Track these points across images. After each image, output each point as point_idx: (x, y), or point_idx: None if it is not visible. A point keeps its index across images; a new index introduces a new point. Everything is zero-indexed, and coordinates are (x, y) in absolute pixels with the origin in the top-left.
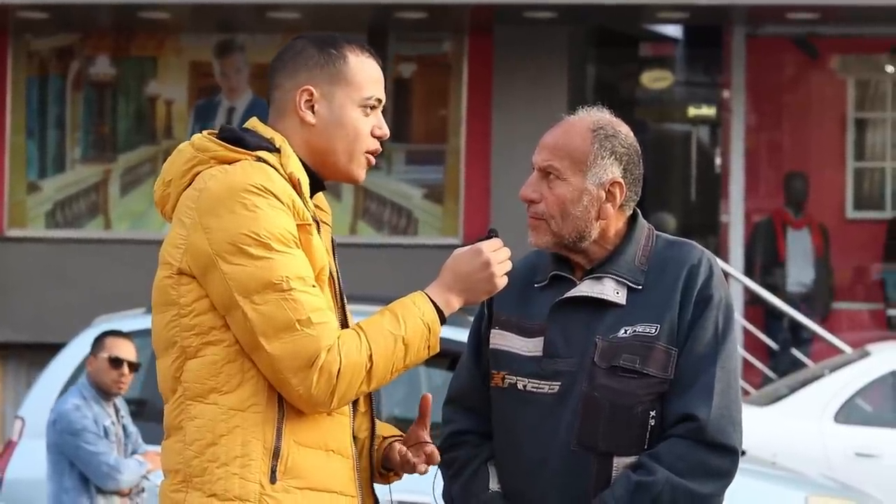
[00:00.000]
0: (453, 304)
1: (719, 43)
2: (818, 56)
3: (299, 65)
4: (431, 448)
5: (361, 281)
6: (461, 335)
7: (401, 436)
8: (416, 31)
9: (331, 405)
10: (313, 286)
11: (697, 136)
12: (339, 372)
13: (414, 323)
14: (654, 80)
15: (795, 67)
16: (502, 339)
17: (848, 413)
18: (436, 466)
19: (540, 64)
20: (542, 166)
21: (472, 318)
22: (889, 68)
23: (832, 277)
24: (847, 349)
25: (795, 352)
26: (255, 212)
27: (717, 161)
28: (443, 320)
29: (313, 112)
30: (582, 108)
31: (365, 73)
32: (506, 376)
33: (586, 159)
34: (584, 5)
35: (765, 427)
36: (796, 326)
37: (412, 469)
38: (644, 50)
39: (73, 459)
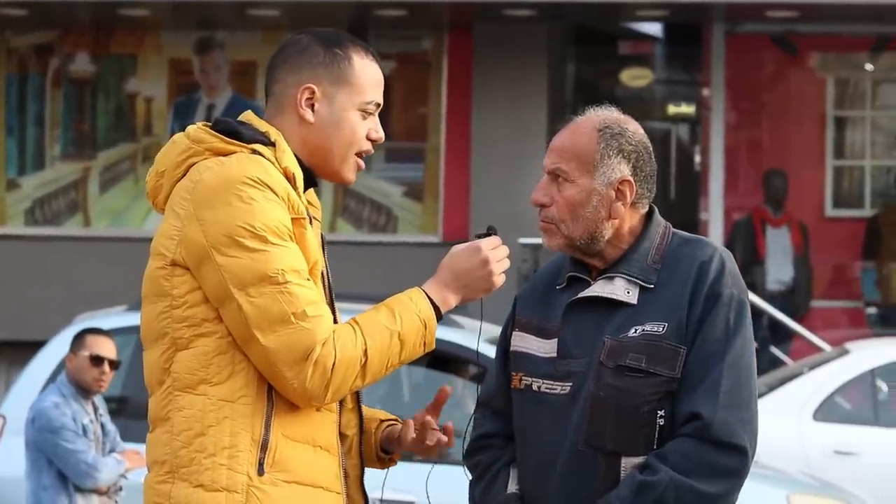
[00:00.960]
0: (450, 301)
1: (699, 41)
2: (798, 54)
3: (303, 61)
4: (438, 436)
5: (341, 279)
6: (443, 334)
7: (396, 419)
8: (396, 28)
9: (325, 399)
10: (308, 279)
11: (677, 133)
12: (333, 366)
13: (410, 319)
14: (634, 77)
15: (775, 65)
16: (521, 341)
17: (827, 411)
18: (429, 465)
19: (519, 62)
20: (551, 169)
21: (457, 318)
22: (868, 66)
23: (811, 275)
24: (826, 347)
25: (774, 350)
26: (251, 204)
27: (697, 159)
28: (439, 317)
29: (313, 111)
30: (590, 107)
31: (368, 76)
32: (523, 377)
33: (593, 159)
34: (563, 3)
35: None
36: (775, 324)
37: (426, 450)
38: (623, 48)
39: (51, 457)
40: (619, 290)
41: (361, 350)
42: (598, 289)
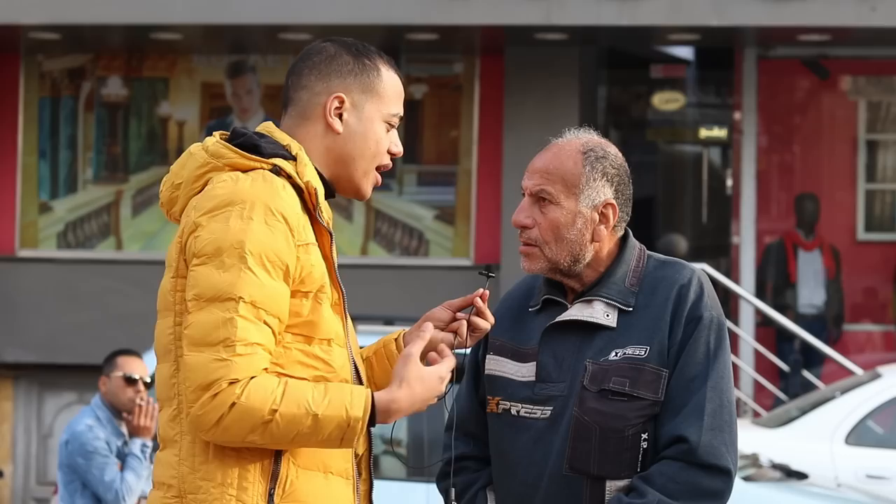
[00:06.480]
0: (392, 417)
1: (731, 65)
2: (829, 78)
3: (333, 70)
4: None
5: (372, 302)
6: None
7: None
8: (428, 52)
9: (212, 435)
10: (264, 322)
11: (709, 157)
12: (232, 406)
13: (336, 410)
14: (666, 101)
15: (807, 89)
16: (497, 365)
17: (859, 435)
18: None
19: (551, 85)
20: (534, 191)
21: None
22: None
23: (843, 299)
24: (858, 371)
25: (806, 373)
26: (249, 225)
27: (729, 182)
28: (372, 423)
29: (341, 120)
30: (569, 130)
31: (394, 88)
32: (500, 402)
33: (579, 182)
34: (595, 27)
35: (776, 449)
36: (807, 348)
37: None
38: (655, 71)
39: (84, 481)
40: (599, 313)
41: (269, 409)
42: (577, 312)
